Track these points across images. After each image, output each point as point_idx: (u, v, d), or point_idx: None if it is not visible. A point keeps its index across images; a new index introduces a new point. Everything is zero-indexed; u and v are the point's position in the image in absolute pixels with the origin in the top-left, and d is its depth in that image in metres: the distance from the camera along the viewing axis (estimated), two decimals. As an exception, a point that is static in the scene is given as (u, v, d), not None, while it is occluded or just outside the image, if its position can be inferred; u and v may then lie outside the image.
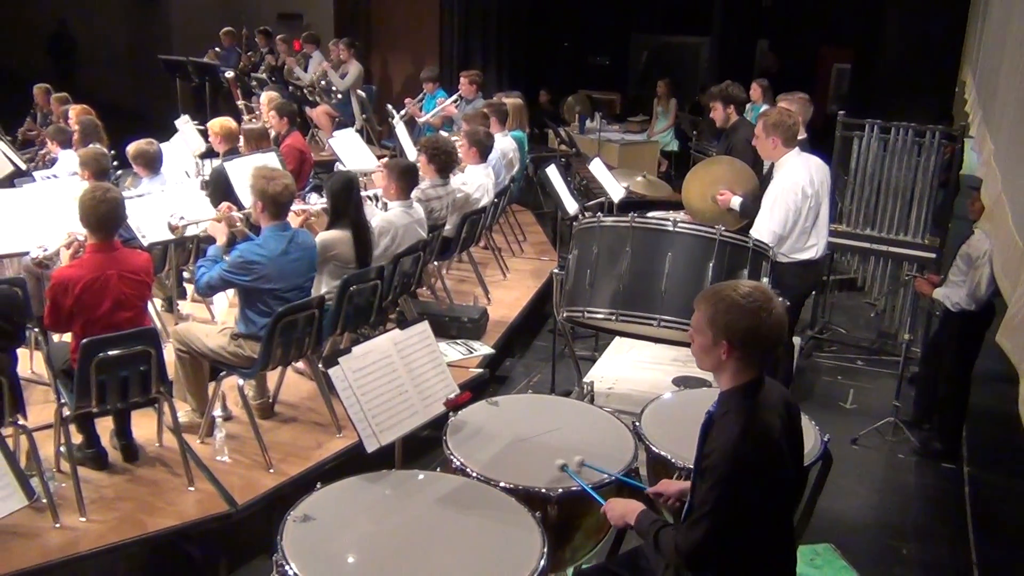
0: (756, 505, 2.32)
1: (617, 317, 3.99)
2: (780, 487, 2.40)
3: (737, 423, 2.33)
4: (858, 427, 5.30)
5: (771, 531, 2.42)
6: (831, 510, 4.38)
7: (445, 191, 5.99)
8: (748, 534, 2.35)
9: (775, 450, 2.35)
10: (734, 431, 2.32)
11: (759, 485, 2.31)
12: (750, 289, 2.40)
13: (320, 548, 2.50)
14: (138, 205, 5.09)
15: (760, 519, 2.36)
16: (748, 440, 2.30)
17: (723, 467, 2.30)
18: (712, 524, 2.32)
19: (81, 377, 3.68)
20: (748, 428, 2.32)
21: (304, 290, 4.42)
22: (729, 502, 2.30)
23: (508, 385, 5.91)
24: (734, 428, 2.32)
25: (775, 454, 2.35)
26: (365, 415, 2.87)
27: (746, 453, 2.29)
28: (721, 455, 2.31)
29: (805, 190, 4.63)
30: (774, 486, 2.36)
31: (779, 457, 2.36)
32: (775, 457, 2.35)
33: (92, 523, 3.77)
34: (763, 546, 2.41)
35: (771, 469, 2.34)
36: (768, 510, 2.37)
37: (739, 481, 2.29)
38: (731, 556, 2.38)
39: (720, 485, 2.30)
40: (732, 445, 2.30)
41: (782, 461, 2.37)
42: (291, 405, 4.91)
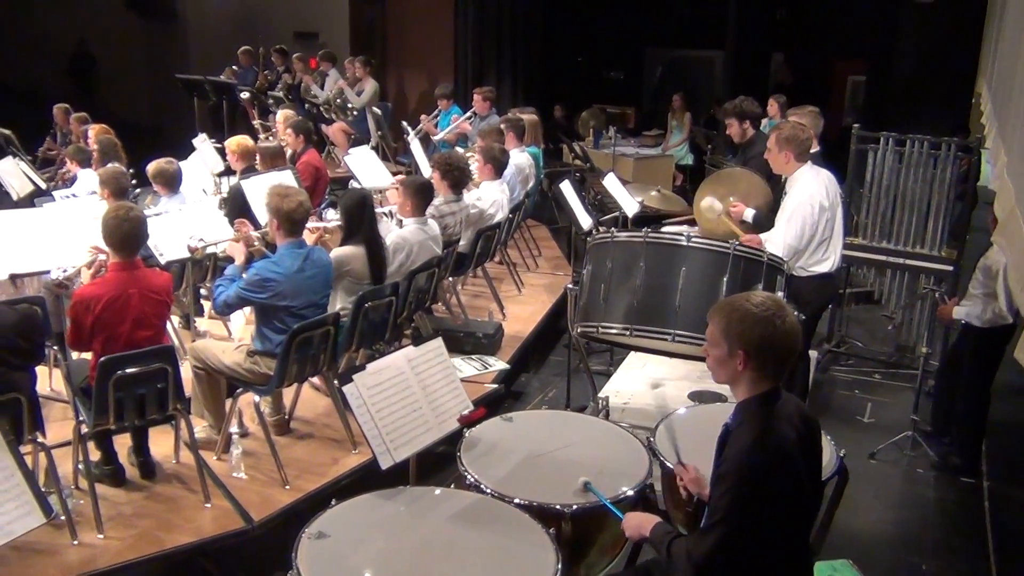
0: (768, 515, 2.32)
1: (631, 332, 4.00)
2: (793, 499, 2.39)
3: (751, 432, 2.35)
4: (876, 441, 5.26)
5: (786, 544, 2.41)
6: (849, 526, 4.35)
7: (459, 207, 6.01)
8: (761, 545, 2.35)
9: (788, 461, 2.35)
10: (748, 439, 2.33)
11: (771, 495, 2.31)
12: (763, 299, 2.42)
13: (335, 565, 2.51)
14: (156, 223, 5.13)
15: (773, 530, 2.35)
16: (760, 449, 2.31)
17: (735, 475, 2.31)
18: (723, 531, 2.32)
19: (99, 395, 3.71)
20: (760, 437, 2.33)
21: (320, 307, 4.45)
22: (740, 510, 2.31)
23: (523, 400, 5.91)
24: (748, 436, 2.34)
25: (788, 465, 2.35)
26: (379, 432, 2.89)
27: (757, 462, 2.30)
28: (733, 463, 2.33)
29: (822, 203, 4.62)
30: (787, 497, 2.35)
31: (792, 468, 2.36)
32: (788, 468, 2.35)
33: (110, 540, 3.79)
34: (777, 560, 2.40)
35: (783, 480, 2.34)
36: (781, 522, 2.36)
37: (750, 489, 2.30)
38: (743, 567, 2.37)
39: (731, 492, 2.32)
40: (744, 453, 2.31)
41: (795, 473, 2.36)
42: (307, 421, 4.93)
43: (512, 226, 7.21)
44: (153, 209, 5.80)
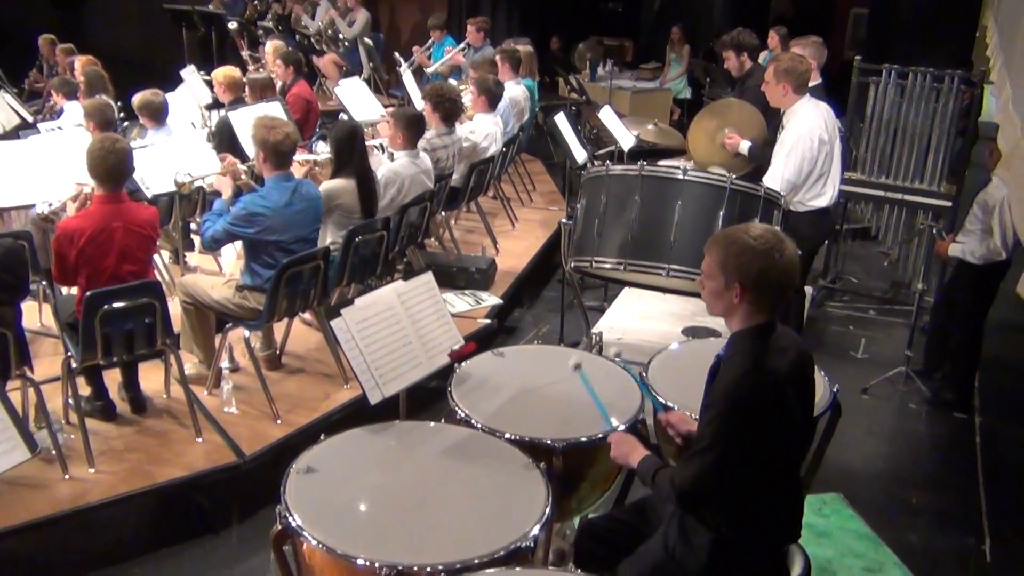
0: (755, 445, 2.29)
1: (625, 267, 3.95)
2: (783, 432, 2.36)
3: (742, 363, 2.31)
4: (869, 377, 5.27)
5: (774, 477, 2.38)
6: (840, 460, 4.37)
7: (451, 140, 5.90)
8: (747, 476, 2.32)
9: (778, 393, 2.31)
10: (738, 370, 2.31)
11: (759, 426, 2.28)
12: (761, 231, 2.36)
13: (323, 499, 2.49)
14: (142, 156, 5.03)
15: (760, 462, 2.32)
16: (751, 379, 2.28)
17: (722, 404, 2.29)
18: (708, 459, 2.30)
19: (86, 330, 3.67)
20: (753, 368, 2.30)
21: (309, 241, 4.39)
22: (726, 439, 2.28)
23: (516, 336, 5.89)
24: (739, 367, 2.31)
25: (779, 396, 2.31)
26: (368, 367, 2.85)
27: (747, 392, 2.27)
28: (723, 393, 2.30)
29: (821, 137, 4.53)
30: (776, 430, 2.32)
31: (782, 401, 2.32)
32: (779, 399, 2.31)
33: (101, 474, 3.79)
34: (767, 492, 2.38)
35: (773, 411, 2.30)
36: (769, 454, 2.33)
37: (738, 418, 2.27)
38: (732, 498, 2.35)
39: (717, 421, 2.29)
40: (734, 383, 2.29)
41: (785, 405, 2.33)
42: (298, 356, 4.91)
43: (506, 160, 7.11)
44: (139, 142, 5.70)
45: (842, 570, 3.63)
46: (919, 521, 4.10)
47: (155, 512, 3.90)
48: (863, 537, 3.86)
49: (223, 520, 3.93)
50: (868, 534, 3.87)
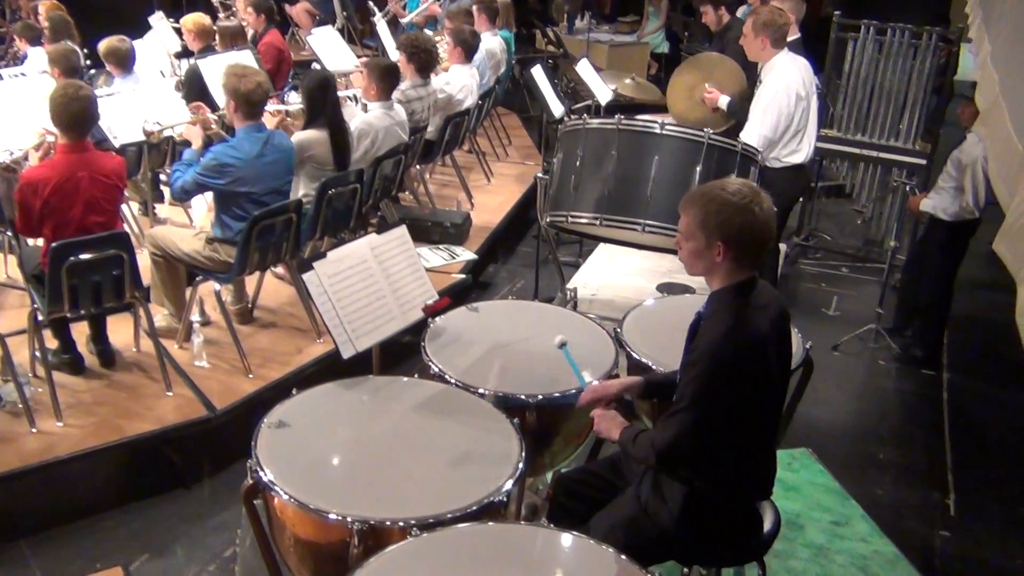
0: (735, 404, 2.29)
1: (601, 222, 3.92)
2: (762, 390, 2.36)
3: (724, 321, 2.29)
4: (840, 334, 5.31)
5: (753, 434, 2.39)
6: (810, 416, 4.42)
7: (426, 91, 5.81)
8: (727, 434, 2.32)
9: (760, 351, 2.30)
10: (720, 329, 2.28)
11: (740, 384, 2.28)
12: (738, 186, 2.33)
13: (295, 454, 2.47)
14: (110, 105, 4.91)
15: (740, 419, 2.32)
16: (733, 338, 2.26)
17: (704, 363, 2.27)
18: (689, 417, 2.29)
19: (52, 282, 3.60)
20: (735, 326, 2.27)
21: (282, 193, 4.31)
22: (707, 398, 2.27)
23: (491, 291, 5.87)
24: (720, 326, 2.28)
25: (760, 355, 2.31)
26: (341, 321, 2.82)
27: (729, 351, 2.25)
28: (704, 351, 2.28)
29: (798, 92, 4.51)
30: (755, 388, 2.32)
31: (764, 359, 2.32)
32: (760, 358, 2.31)
33: (69, 428, 3.75)
34: (743, 449, 2.39)
35: (754, 369, 2.30)
36: (749, 411, 2.34)
37: (719, 378, 2.26)
38: (708, 455, 2.36)
39: (699, 379, 2.28)
40: (716, 342, 2.26)
41: (767, 363, 2.33)
42: (270, 310, 4.86)
43: (482, 113, 7.02)
44: (105, 90, 5.55)
45: (810, 523, 3.69)
46: (885, 476, 4.16)
47: (125, 466, 3.87)
48: (831, 491, 3.91)
49: (195, 474, 3.91)
50: (836, 488, 3.93)
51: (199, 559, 3.48)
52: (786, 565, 3.43)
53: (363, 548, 2.20)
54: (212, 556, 3.50)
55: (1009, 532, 3.80)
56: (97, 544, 3.52)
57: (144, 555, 3.49)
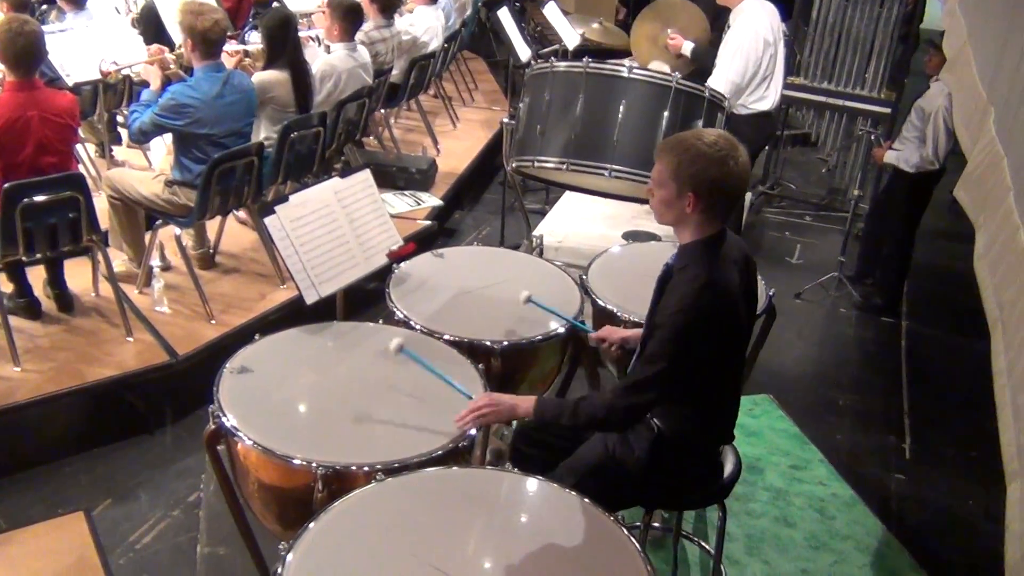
0: (706, 355, 2.29)
1: (567, 166, 3.88)
2: (734, 341, 2.37)
3: (697, 277, 2.25)
4: (803, 282, 5.37)
5: (719, 382, 2.40)
6: (771, 362, 4.48)
7: (390, 33, 5.69)
8: (695, 383, 2.33)
9: (732, 304, 2.30)
10: (694, 284, 2.24)
11: (712, 336, 2.27)
12: (715, 138, 2.28)
13: (258, 399, 2.45)
14: (62, 41, 4.75)
15: (711, 371, 2.33)
16: (707, 294, 2.23)
17: (679, 319, 2.23)
18: (660, 370, 2.25)
19: (5, 224, 3.50)
20: (709, 282, 2.24)
21: (243, 136, 4.22)
22: (682, 355, 2.25)
23: (457, 238, 5.84)
24: (693, 281, 2.25)
25: (732, 308, 2.30)
26: (304, 266, 2.78)
27: (703, 306, 2.23)
28: (678, 308, 2.24)
29: (767, 39, 4.48)
30: (727, 339, 2.32)
31: (736, 311, 2.32)
32: (732, 311, 2.30)
33: (28, 373, 3.69)
34: (710, 397, 2.40)
35: (727, 323, 2.29)
36: (719, 362, 2.34)
37: (693, 332, 2.24)
38: (675, 403, 2.38)
39: (674, 339, 2.24)
40: (691, 298, 2.23)
41: (738, 315, 2.33)
42: (232, 256, 4.79)
43: (447, 57, 6.91)
44: (57, 25, 5.36)
45: (770, 467, 3.76)
46: (844, 421, 4.24)
47: (86, 412, 3.81)
48: (791, 436, 3.98)
49: (157, 420, 3.88)
50: (796, 433, 4.00)
51: (163, 504, 3.47)
52: (746, 507, 3.50)
53: (327, 492, 2.20)
54: (176, 501, 3.48)
55: (961, 475, 3.91)
56: (59, 489, 3.50)
57: (107, 500, 3.47)
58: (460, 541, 2.03)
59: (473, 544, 2.03)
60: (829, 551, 3.33)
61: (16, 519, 3.33)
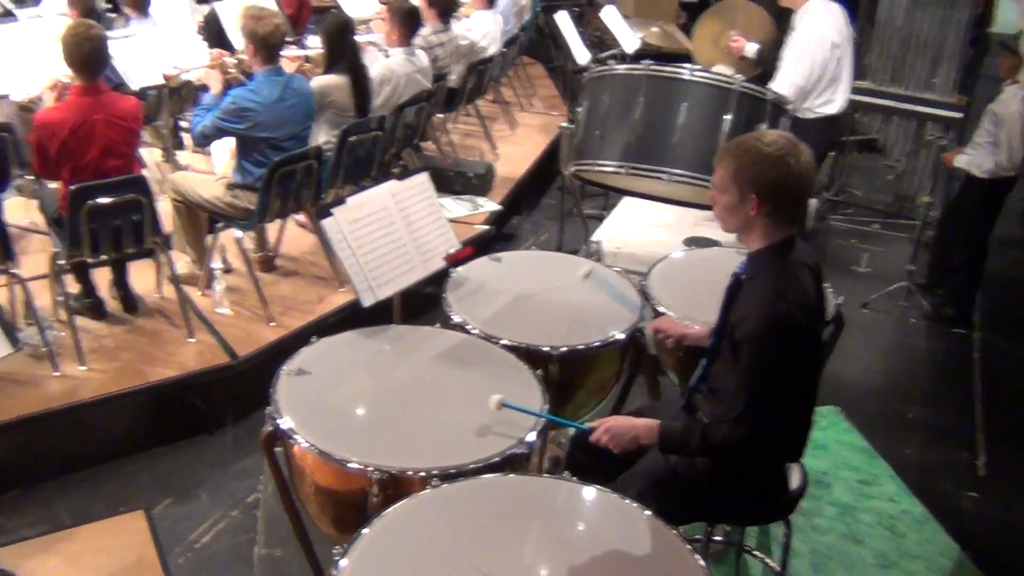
0: (792, 369, 2.18)
1: (626, 170, 3.80)
2: (811, 351, 2.24)
3: (771, 285, 2.16)
4: (870, 291, 5.22)
5: (796, 397, 2.27)
6: (838, 374, 4.35)
7: (447, 37, 5.69)
8: (785, 401, 2.21)
9: (810, 311, 2.19)
10: (769, 294, 2.14)
11: (797, 348, 2.16)
12: (775, 137, 2.22)
13: (315, 401, 2.44)
14: (126, 47, 4.84)
15: (790, 386, 2.21)
16: (784, 302, 2.13)
17: (764, 339, 2.12)
18: (763, 405, 2.15)
19: (72, 225, 3.57)
20: (785, 289, 2.14)
21: (301, 139, 4.25)
22: (771, 371, 2.14)
23: (514, 243, 5.80)
24: (769, 291, 2.15)
25: (810, 315, 2.19)
26: (361, 268, 2.76)
27: (784, 316, 2.12)
28: (753, 322, 2.13)
29: (833, 40, 4.37)
30: (808, 349, 2.21)
31: (812, 319, 2.20)
32: (811, 318, 2.19)
33: (92, 372, 3.74)
34: (787, 411, 2.26)
35: (808, 330, 2.18)
36: (798, 378, 2.22)
37: (780, 345, 2.12)
38: (772, 428, 2.23)
39: (760, 354, 2.12)
40: (768, 309, 2.12)
41: (814, 323, 2.22)
42: (292, 259, 4.82)
43: (506, 61, 6.89)
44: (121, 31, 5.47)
45: (837, 482, 3.64)
46: (914, 435, 4.09)
47: (148, 411, 3.86)
48: (858, 450, 3.86)
49: (217, 421, 3.91)
50: (864, 447, 3.87)
51: (222, 504, 3.48)
52: (812, 523, 3.39)
53: (383, 497, 2.17)
54: (235, 501, 3.50)
55: (1038, 494, 3.74)
56: (121, 488, 3.54)
57: (167, 499, 3.50)
58: (515, 550, 1.98)
59: (529, 553, 1.98)
60: (899, 570, 3.20)
61: (79, 516, 3.38)
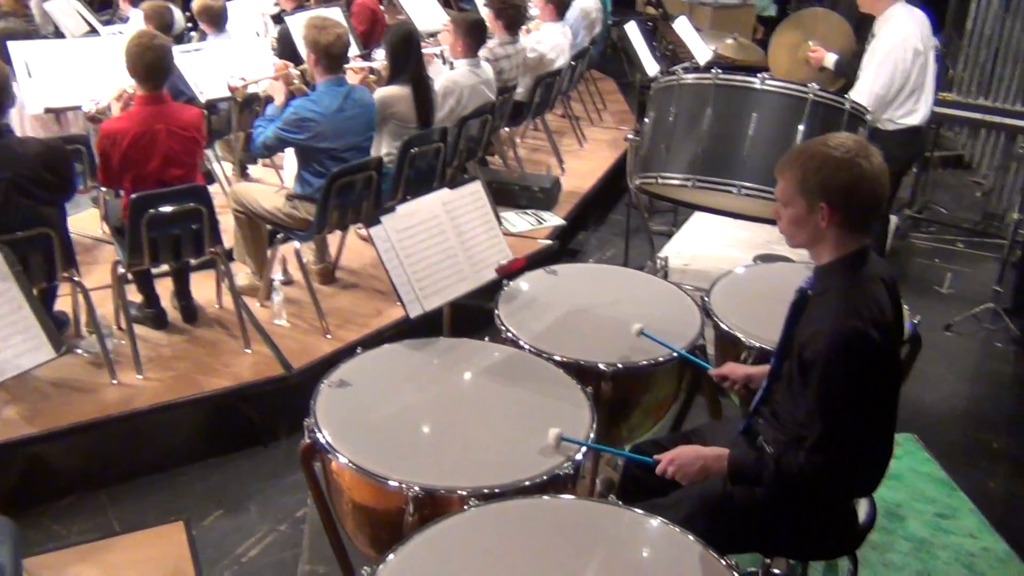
0: (868, 393, 2.00)
1: (694, 183, 3.67)
2: (888, 373, 2.06)
3: (843, 301, 2.00)
4: (953, 313, 4.94)
5: (872, 423, 2.08)
6: (917, 399, 4.11)
7: (514, 49, 5.62)
8: (863, 427, 2.03)
9: (885, 328, 2.01)
10: (840, 310, 1.98)
11: (877, 372, 1.99)
12: (842, 139, 2.05)
13: (355, 415, 2.37)
14: (196, 60, 4.91)
15: (875, 410, 2.04)
16: (858, 319, 1.96)
17: (837, 359, 1.96)
18: (841, 431, 2.00)
19: (132, 233, 3.59)
20: (857, 306, 1.98)
21: (362, 150, 4.22)
22: (850, 400, 1.98)
23: (579, 259, 5.68)
24: (840, 307, 1.99)
25: (886, 332, 2.01)
26: (409, 278, 2.69)
27: (861, 336, 1.95)
28: (829, 342, 1.97)
29: (916, 47, 4.15)
30: (885, 370, 2.04)
31: (889, 336, 2.03)
32: (886, 336, 2.01)
33: (149, 381, 3.75)
34: (863, 439, 2.07)
35: (883, 349, 2.00)
36: (873, 399, 2.04)
37: (858, 372, 1.96)
38: (849, 454, 2.05)
39: (832, 379, 1.97)
40: (843, 330, 1.95)
41: (891, 342, 2.05)
42: (352, 272, 4.79)
43: (575, 75, 6.79)
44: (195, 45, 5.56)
45: (912, 515, 3.41)
46: (999, 466, 3.82)
47: (202, 421, 3.86)
48: (937, 481, 3.61)
49: (271, 433, 3.88)
50: (942, 478, 3.63)
51: (271, 517, 3.44)
52: (884, 558, 3.17)
53: (419, 516, 2.08)
54: (284, 515, 3.45)
55: None
56: (173, 498, 3.53)
57: (218, 511, 3.47)
58: (554, 578, 1.86)
59: (568, 582, 1.86)
60: (980, 613, 2.97)
61: (131, 523, 3.37)
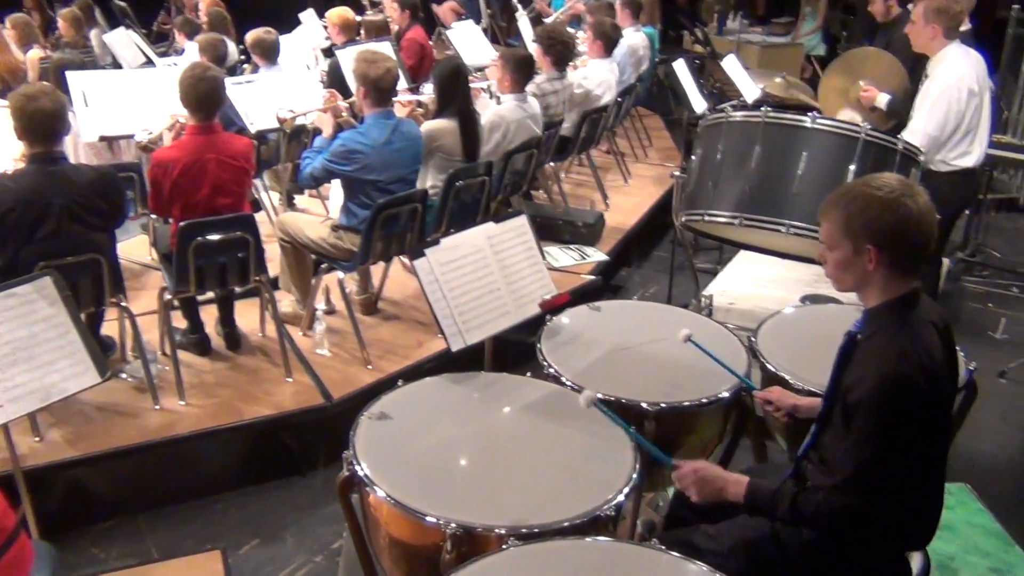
0: (915, 440, 1.94)
1: (740, 221, 3.62)
2: (939, 420, 2.00)
3: (892, 345, 1.94)
4: (1008, 360, 4.79)
5: (923, 473, 2.02)
6: (970, 448, 3.98)
7: (562, 85, 5.64)
8: (901, 475, 1.97)
9: (936, 374, 1.95)
10: (889, 354, 1.93)
11: (920, 417, 1.93)
12: (886, 179, 2.01)
13: (394, 448, 2.34)
14: (247, 91, 5.00)
15: (916, 458, 1.97)
16: (907, 364, 1.91)
17: (880, 404, 1.90)
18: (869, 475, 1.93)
19: (179, 260, 3.64)
20: (906, 350, 1.92)
21: (408, 183, 4.24)
22: (888, 442, 1.91)
23: (622, 295, 5.64)
24: (889, 351, 1.94)
25: (935, 380, 1.95)
26: (451, 312, 2.68)
27: (905, 380, 1.90)
28: (874, 387, 1.91)
29: (971, 88, 4.07)
30: (934, 418, 1.97)
31: (939, 383, 1.97)
32: (935, 383, 1.95)
33: (190, 407, 3.78)
34: (912, 489, 2.01)
35: (933, 396, 1.94)
36: (923, 447, 1.98)
37: (899, 414, 1.91)
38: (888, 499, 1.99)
39: (876, 423, 1.91)
40: (888, 371, 1.90)
41: (941, 388, 1.98)
42: (395, 303, 4.80)
43: (621, 111, 6.79)
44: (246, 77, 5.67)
45: (965, 567, 3.28)
46: (1057, 521, 3.68)
47: (242, 449, 3.88)
48: (992, 533, 3.48)
49: (309, 463, 3.87)
50: (998, 531, 3.49)
51: (307, 548, 3.42)
52: (936, 613, 3.06)
53: (456, 554, 2.04)
54: (320, 547, 3.43)
55: None
56: (210, 525, 3.53)
57: (255, 540, 3.46)
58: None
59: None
60: (1038, 675, 2.83)
61: (167, 549, 3.37)
